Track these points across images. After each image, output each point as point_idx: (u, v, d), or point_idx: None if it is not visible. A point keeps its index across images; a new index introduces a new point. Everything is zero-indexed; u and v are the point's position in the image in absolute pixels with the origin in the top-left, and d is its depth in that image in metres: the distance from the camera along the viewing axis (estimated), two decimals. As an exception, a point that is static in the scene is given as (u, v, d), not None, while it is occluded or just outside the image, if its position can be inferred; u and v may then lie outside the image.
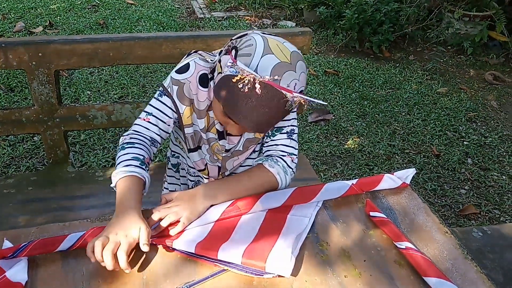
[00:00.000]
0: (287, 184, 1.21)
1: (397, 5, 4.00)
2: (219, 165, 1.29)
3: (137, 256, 0.99)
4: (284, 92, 0.95)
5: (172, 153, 1.43)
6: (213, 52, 1.25)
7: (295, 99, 0.96)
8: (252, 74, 0.93)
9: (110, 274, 0.94)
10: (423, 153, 2.81)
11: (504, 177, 2.66)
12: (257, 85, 0.93)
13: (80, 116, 1.72)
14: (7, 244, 0.98)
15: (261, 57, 0.96)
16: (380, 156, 2.74)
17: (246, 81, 0.93)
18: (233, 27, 4.34)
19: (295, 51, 1.01)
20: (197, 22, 4.44)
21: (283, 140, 1.23)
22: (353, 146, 2.81)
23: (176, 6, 4.81)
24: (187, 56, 1.21)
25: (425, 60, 4.00)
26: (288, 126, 1.24)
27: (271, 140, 1.25)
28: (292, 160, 1.23)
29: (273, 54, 0.97)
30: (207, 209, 1.09)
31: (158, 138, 1.18)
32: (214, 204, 1.11)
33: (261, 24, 4.48)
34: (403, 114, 3.19)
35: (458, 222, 2.32)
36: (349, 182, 1.21)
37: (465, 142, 2.94)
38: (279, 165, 1.19)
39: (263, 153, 1.27)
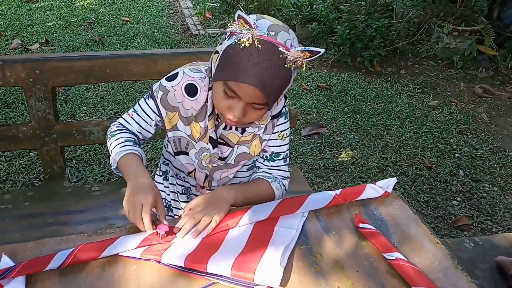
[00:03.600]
0: None
1: (387, 20, 4.07)
2: (207, 173, 1.32)
3: (133, 270, 1.00)
4: (282, 48, 1.01)
5: (164, 160, 1.47)
6: (202, 62, 1.31)
7: (294, 55, 1.02)
8: (250, 26, 0.99)
9: (107, 287, 0.96)
10: (415, 166, 2.84)
11: (495, 188, 2.70)
12: (256, 42, 0.99)
13: (77, 132, 1.74)
14: (5, 259, 1.00)
15: (257, 20, 1.04)
16: (373, 168, 2.77)
17: (246, 38, 0.99)
18: (227, 43, 4.38)
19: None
20: (191, 38, 4.49)
21: (282, 166, 1.33)
22: (346, 159, 2.84)
23: (171, 23, 4.86)
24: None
25: (416, 74, 4.07)
26: (285, 151, 1.33)
27: (271, 165, 1.33)
28: (288, 183, 1.35)
29: (267, 19, 1.06)
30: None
31: (139, 135, 1.26)
32: (235, 204, 1.18)
33: (255, 39, 4.53)
34: (395, 127, 3.24)
35: (451, 233, 2.34)
36: (333, 192, 1.23)
37: (456, 154, 2.98)
38: (281, 188, 1.31)
39: (259, 172, 1.34)
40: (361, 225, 1.14)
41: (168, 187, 1.48)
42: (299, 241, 1.11)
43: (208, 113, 1.21)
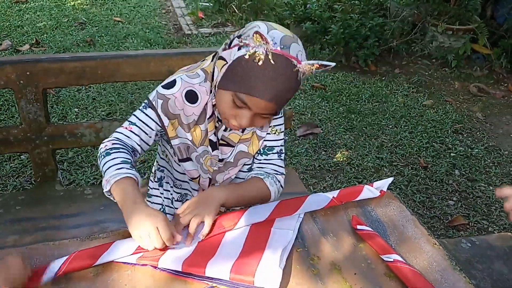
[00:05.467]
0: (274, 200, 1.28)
1: (381, 19, 4.07)
2: (210, 177, 1.31)
3: (127, 275, 0.99)
4: (293, 61, 1.02)
5: (158, 167, 1.46)
6: (195, 64, 1.29)
7: (305, 68, 1.03)
8: (265, 41, 0.99)
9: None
10: (411, 165, 2.84)
11: (491, 187, 2.70)
12: (270, 56, 0.99)
13: (68, 134, 1.72)
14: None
15: (268, 32, 1.03)
16: (368, 168, 2.76)
17: (261, 52, 0.99)
18: (220, 43, 4.37)
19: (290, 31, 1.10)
20: (184, 38, 4.47)
21: (275, 160, 1.31)
22: (341, 159, 2.84)
23: (163, 23, 4.84)
24: (173, 75, 1.25)
25: (411, 73, 4.07)
26: (278, 146, 1.31)
27: (264, 159, 1.31)
28: (283, 179, 1.32)
29: (277, 29, 1.06)
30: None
31: (138, 148, 1.20)
32: (224, 206, 1.17)
33: (248, 39, 4.52)
34: (390, 126, 3.23)
35: (447, 233, 2.34)
36: (330, 195, 1.23)
37: (452, 154, 2.98)
38: (276, 184, 1.28)
39: (254, 169, 1.32)
40: (358, 227, 1.13)
41: (163, 194, 1.46)
42: (296, 244, 1.10)
43: (208, 116, 1.20)
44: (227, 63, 1.07)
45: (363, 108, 3.43)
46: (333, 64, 1.07)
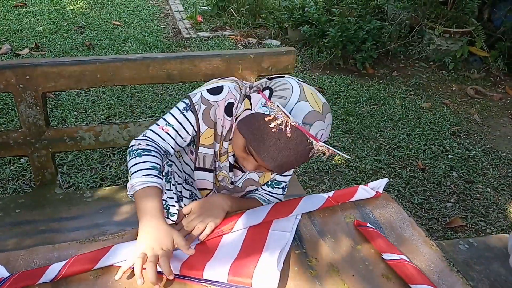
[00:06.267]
0: None
1: (379, 23, 4.09)
2: (216, 191, 1.32)
3: (126, 278, 0.99)
4: (311, 139, 0.99)
5: (167, 161, 1.43)
6: (245, 82, 1.26)
7: (320, 148, 1.00)
8: (286, 116, 0.96)
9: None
10: (408, 167, 2.84)
11: (488, 189, 2.71)
12: (288, 128, 0.96)
13: (68, 138, 1.72)
14: (0, 269, 0.98)
15: (296, 102, 1.01)
16: (367, 171, 2.77)
17: (279, 122, 0.96)
18: (219, 46, 4.38)
19: (325, 103, 1.07)
20: (183, 42, 4.48)
21: (279, 195, 1.34)
22: (340, 161, 2.84)
23: (162, 26, 4.85)
24: (221, 79, 1.22)
25: (408, 76, 4.08)
26: (286, 182, 1.33)
27: (270, 191, 1.33)
28: None
29: (308, 101, 1.02)
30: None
31: (171, 151, 1.17)
32: (230, 211, 1.17)
33: (247, 43, 4.53)
34: (388, 129, 3.24)
35: (445, 235, 2.35)
36: (326, 195, 1.24)
37: (449, 156, 2.99)
38: None
39: (255, 193, 1.35)
40: (361, 225, 1.14)
41: (170, 189, 1.45)
42: (294, 246, 1.10)
43: (230, 136, 1.18)
44: (250, 109, 1.05)
45: (361, 111, 3.44)
46: (348, 157, 1.07)
